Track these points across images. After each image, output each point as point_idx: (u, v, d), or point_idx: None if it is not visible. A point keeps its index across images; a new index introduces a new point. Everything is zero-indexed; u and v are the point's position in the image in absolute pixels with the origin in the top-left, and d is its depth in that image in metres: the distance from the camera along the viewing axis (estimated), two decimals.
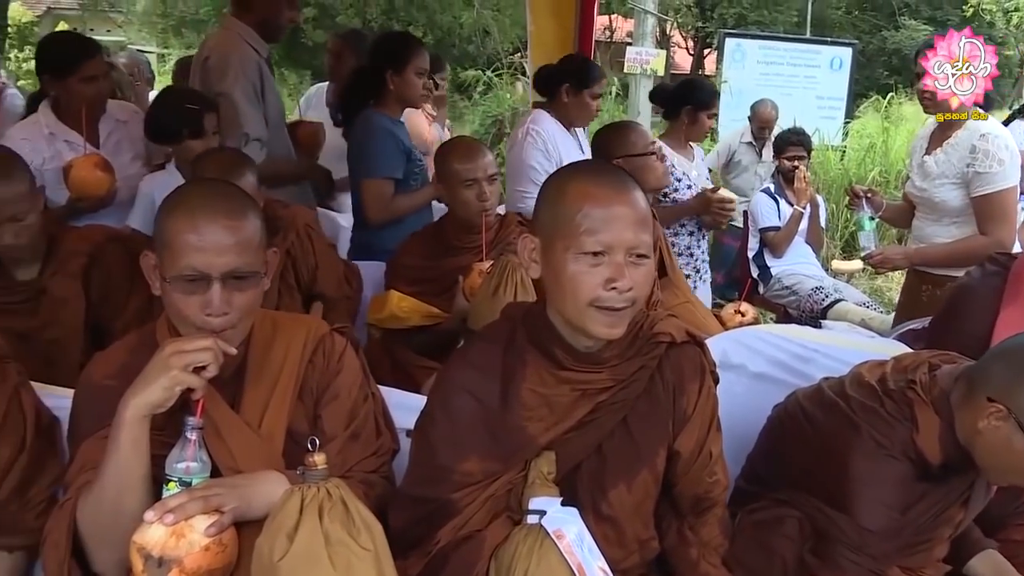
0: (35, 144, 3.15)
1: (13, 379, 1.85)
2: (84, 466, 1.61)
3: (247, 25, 3.37)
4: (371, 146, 3.33)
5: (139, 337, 1.77)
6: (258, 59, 3.36)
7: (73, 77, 3.11)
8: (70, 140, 3.18)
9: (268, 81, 3.41)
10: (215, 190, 1.68)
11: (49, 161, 3.15)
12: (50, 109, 3.22)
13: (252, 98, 3.30)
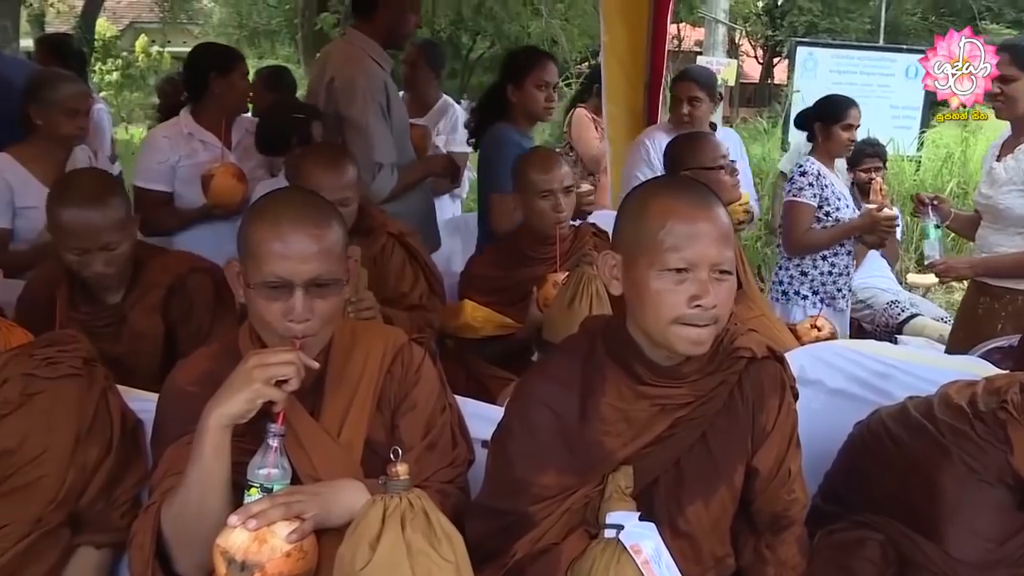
0: (174, 142, 3.39)
1: (101, 383, 1.90)
2: (168, 471, 1.64)
3: (370, 37, 3.36)
4: (498, 161, 3.35)
5: (222, 345, 1.80)
6: (383, 75, 3.37)
7: (234, 73, 3.42)
8: (205, 140, 3.40)
9: (394, 95, 3.43)
10: (299, 198, 1.71)
11: (185, 158, 3.37)
12: (190, 113, 3.43)
13: (381, 121, 3.31)
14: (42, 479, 1.81)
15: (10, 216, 3.10)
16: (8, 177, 3.09)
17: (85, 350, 1.90)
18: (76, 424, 1.84)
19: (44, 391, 1.82)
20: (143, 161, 3.43)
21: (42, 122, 3.11)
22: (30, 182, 3.11)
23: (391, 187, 3.31)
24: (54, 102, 3.10)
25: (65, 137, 3.17)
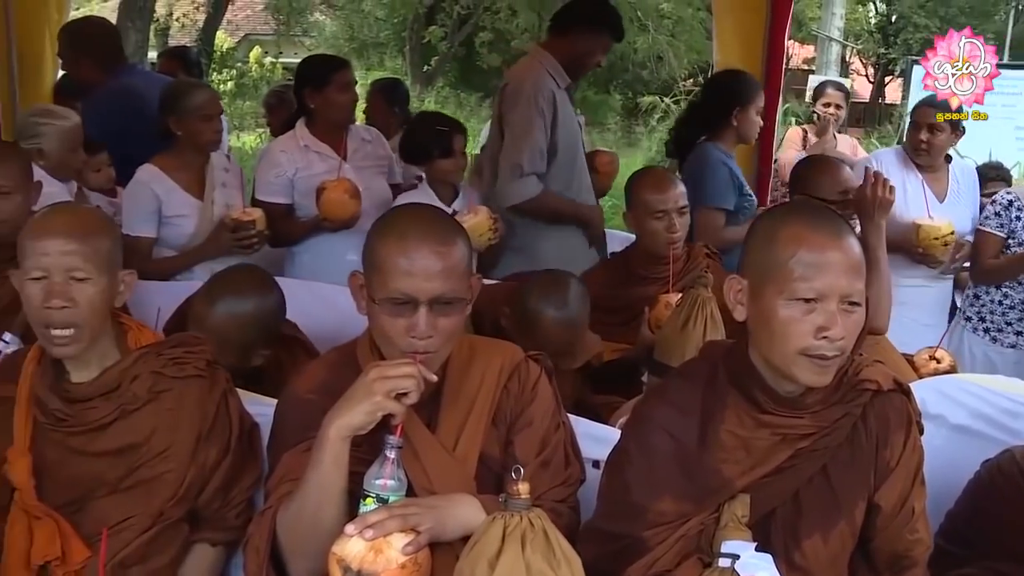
0: (291, 155, 3.46)
1: (222, 385, 1.95)
2: (285, 477, 1.67)
3: (554, 58, 3.40)
4: (707, 177, 3.39)
5: (339, 353, 1.83)
6: (555, 89, 3.39)
7: (329, 87, 3.41)
8: (321, 152, 3.45)
9: (565, 112, 3.44)
10: (426, 215, 1.72)
11: (302, 170, 3.43)
12: (305, 125, 3.50)
13: (539, 129, 3.33)
14: (165, 474, 1.86)
15: (156, 225, 3.20)
16: (156, 188, 3.18)
17: (209, 352, 1.95)
18: (198, 424, 1.89)
19: (170, 390, 1.88)
20: (262, 175, 3.52)
21: (182, 131, 3.19)
22: (175, 191, 3.21)
23: (528, 197, 3.34)
24: (191, 110, 3.18)
25: (205, 143, 3.25)
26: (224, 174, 3.36)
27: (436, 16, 17.82)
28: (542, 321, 2.35)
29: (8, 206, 2.58)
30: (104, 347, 1.88)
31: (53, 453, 1.86)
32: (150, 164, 3.23)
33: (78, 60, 3.85)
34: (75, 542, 1.82)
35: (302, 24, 19.68)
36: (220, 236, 3.18)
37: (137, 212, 3.19)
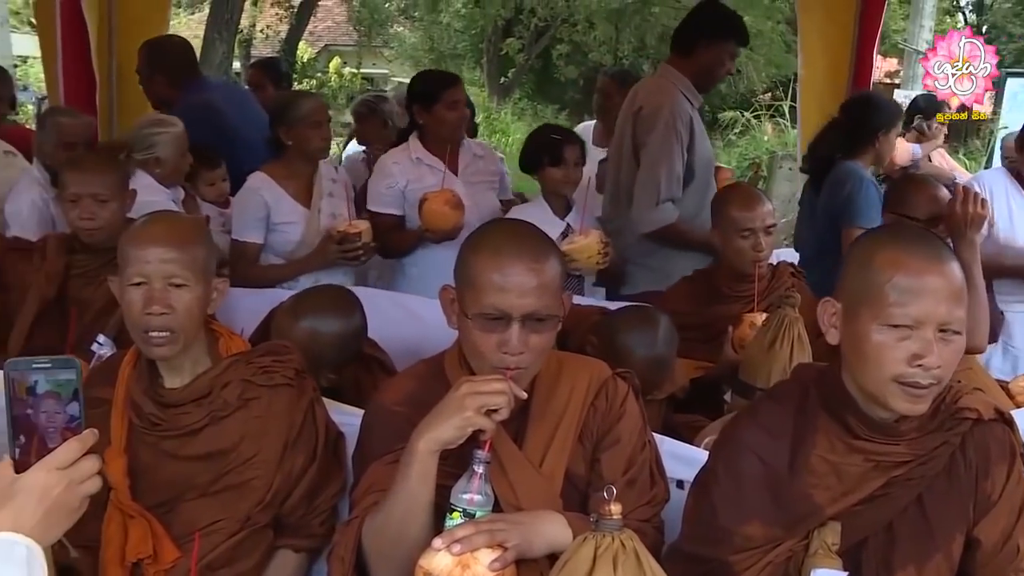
0: (403, 167, 3.52)
1: (309, 394, 1.98)
2: (372, 488, 1.68)
3: (683, 74, 3.39)
4: (857, 196, 3.34)
5: (427, 366, 1.84)
6: (691, 110, 3.39)
7: (439, 104, 3.45)
8: (432, 165, 3.50)
9: (699, 132, 3.45)
10: (520, 231, 1.72)
11: (412, 183, 3.47)
12: (418, 139, 3.56)
13: (676, 155, 3.32)
14: (252, 480, 1.90)
15: (264, 231, 3.28)
16: (265, 195, 3.26)
17: (297, 361, 1.98)
18: (285, 431, 1.92)
19: (260, 397, 1.91)
20: (374, 186, 3.58)
21: (292, 141, 3.25)
22: (283, 198, 3.29)
23: (665, 223, 3.33)
24: (299, 118, 3.24)
25: (314, 150, 3.31)
26: (331, 184, 3.42)
27: (514, 28, 17.92)
28: (630, 359, 2.30)
29: (105, 213, 2.68)
30: (197, 354, 1.92)
31: (147, 455, 1.90)
32: (261, 172, 3.31)
33: (153, 77, 3.96)
34: (166, 542, 1.86)
35: (383, 35, 19.96)
36: (326, 248, 3.24)
37: (245, 218, 3.28)
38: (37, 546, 1.16)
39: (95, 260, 2.75)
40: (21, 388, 1.20)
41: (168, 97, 3.91)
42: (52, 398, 1.21)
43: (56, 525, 1.20)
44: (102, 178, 2.68)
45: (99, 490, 1.25)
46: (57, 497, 1.19)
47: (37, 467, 1.19)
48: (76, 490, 1.21)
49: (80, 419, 1.23)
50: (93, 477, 1.23)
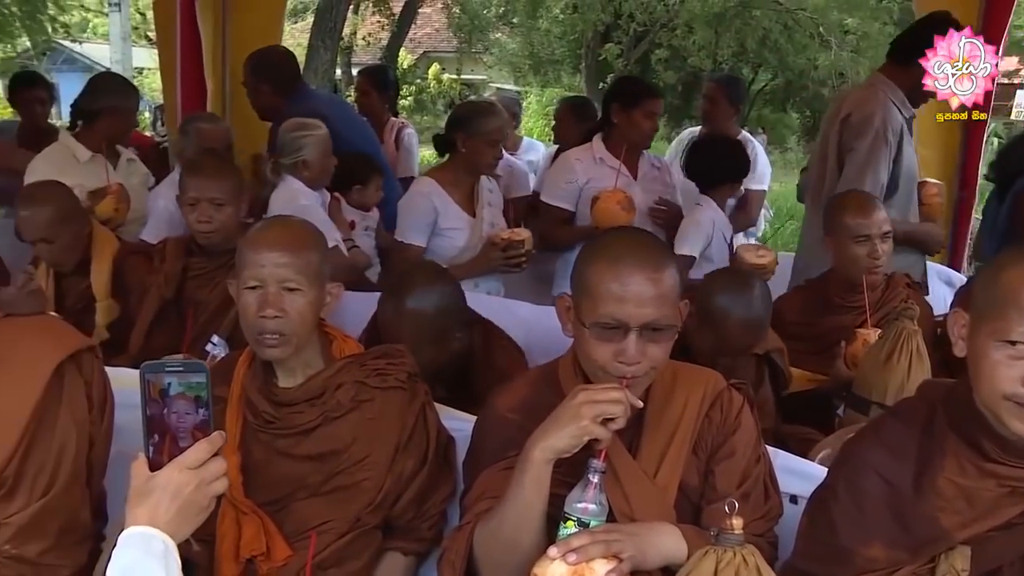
0: (585, 165, 3.64)
1: (421, 398, 1.99)
2: (484, 494, 1.68)
3: (897, 85, 3.33)
4: None
5: (541, 372, 1.84)
6: (901, 120, 3.34)
7: (637, 110, 3.56)
8: (613, 167, 3.56)
9: (907, 144, 3.39)
10: (638, 240, 1.70)
11: (593, 181, 3.57)
12: (602, 140, 3.67)
13: (882, 164, 3.27)
14: (363, 482, 1.91)
15: (428, 236, 3.35)
16: (435, 201, 3.33)
17: (410, 365, 2.00)
18: (397, 434, 1.93)
19: (373, 399, 1.93)
20: (553, 178, 3.71)
21: (466, 150, 3.30)
22: (450, 205, 3.36)
23: None
24: (480, 132, 3.28)
25: (484, 166, 3.38)
26: (489, 194, 3.49)
27: (612, 34, 17.85)
28: (727, 321, 2.32)
29: (221, 216, 2.77)
30: (310, 355, 1.95)
31: (260, 453, 1.94)
32: (428, 177, 3.43)
33: (258, 86, 4.04)
34: (278, 540, 1.89)
35: (483, 41, 20.13)
36: (490, 254, 3.30)
37: (413, 221, 3.35)
38: (172, 541, 1.20)
39: (211, 262, 2.83)
40: (155, 389, 1.24)
41: (273, 106, 3.99)
42: (183, 400, 1.25)
43: (187, 523, 1.25)
44: (219, 183, 2.76)
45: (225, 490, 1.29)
46: (189, 496, 1.23)
47: (170, 466, 1.23)
48: (206, 489, 1.25)
49: (209, 420, 1.27)
50: (221, 478, 1.27)
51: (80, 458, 1.73)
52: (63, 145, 3.64)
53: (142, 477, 1.24)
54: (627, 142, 3.54)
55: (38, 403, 1.66)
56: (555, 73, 19.79)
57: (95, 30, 21.20)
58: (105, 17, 19.85)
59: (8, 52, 15.70)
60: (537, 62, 19.61)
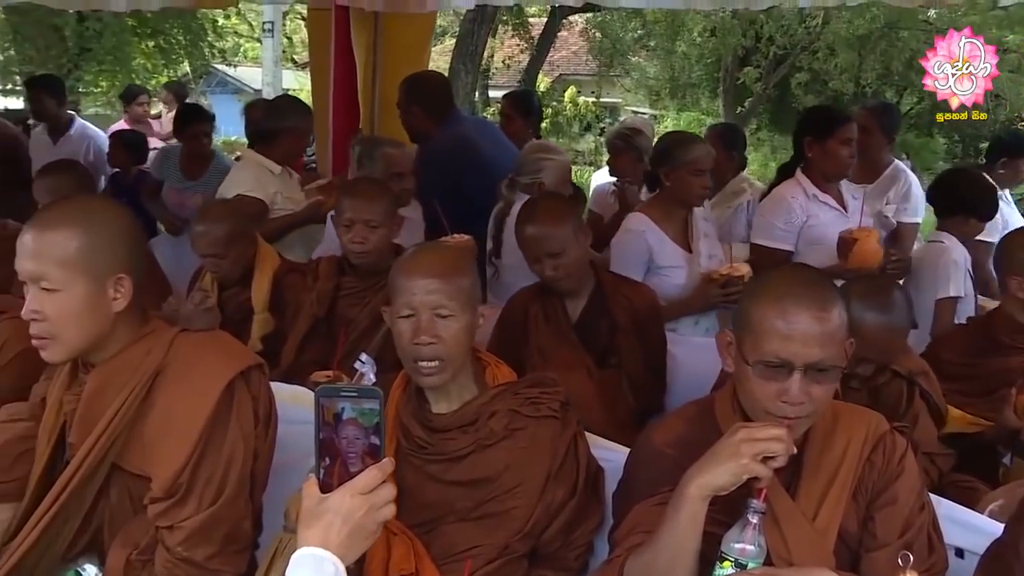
0: (801, 202, 3.51)
1: (573, 427, 1.99)
2: (635, 528, 1.67)
3: None
4: None
5: (697, 408, 1.82)
6: None
7: (831, 140, 3.48)
8: (827, 203, 3.53)
9: None
10: (805, 277, 1.67)
11: (811, 219, 3.48)
12: (804, 172, 3.58)
13: None
14: (513, 510, 1.92)
15: (643, 274, 3.25)
16: (649, 238, 3.26)
17: (562, 394, 2.00)
18: (548, 463, 1.93)
19: (525, 428, 1.94)
20: (768, 220, 3.56)
21: (671, 183, 3.26)
22: (665, 241, 3.28)
23: None
24: (684, 162, 3.23)
25: (693, 197, 3.30)
26: (704, 223, 3.43)
27: (751, 57, 17.55)
28: (864, 325, 2.22)
29: (374, 238, 2.85)
30: (464, 381, 1.98)
31: (411, 476, 1.96)
32: (640, 213, 3.34)
33: (411, 109, 4.12)
34: (427, 562, 1.91)
35: (624, 65, 20.09)
36: (708, 290, 3.21)
37: (627, 260, 3.27)
38: (342, 564, 1.23)
39: (362, 282, 2.92)
40: (329, 413, 1.27)
41: (424, 129, 4.08)
42: (355, 425, 1.28)
43: (355, 547, 1.27)
44: (375, 205, 2.85)
45: None
46: (359, 520, 1.26)
47: (342, 490, 1.26)
48: (375, 515, 1.27)
49: (380, 446, 1.29)
50: (389, 504, 1.29)
51: (245, 470, 1.81)
52: (254, 160, 3.84)
53: (314, 499, 1.27)
54: (825, 174, 3.46)
55: (211, 415, 1.75)
56: (692, 97, 19.56)
57: (245, 54, 22.23)
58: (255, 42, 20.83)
59: (171, 76, 16.62)
60: (675, 86, 19.43)
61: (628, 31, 18.68)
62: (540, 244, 2.69)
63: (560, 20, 14.45)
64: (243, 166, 3.91)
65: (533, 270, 2.77)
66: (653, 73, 20.12)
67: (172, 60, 15.70)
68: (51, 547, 1.86)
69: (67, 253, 1.76)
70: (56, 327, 1.77)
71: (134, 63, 15.08)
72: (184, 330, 1.90)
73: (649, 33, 18.94)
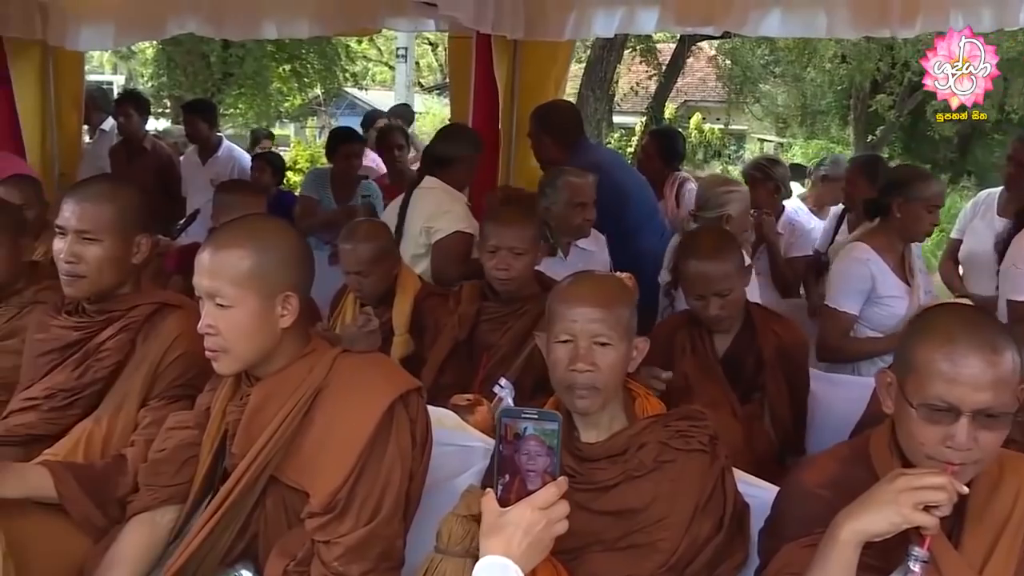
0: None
1: (721, 461, 1.97)
2: (784, 569, 1.66)
3: None
4: None
5: (851, 449, 1.78)
6: None
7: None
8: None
9: None
10: (975, 318, 1.62)
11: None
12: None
13: None
14: (659, 542, 1.91)
15: (861, 304, 3.29)
16: (872, 268, 3.28)
17: (711, 428, 1.98)
18: (696, 497, 1.92)
19: (674, 461, 1.93)
20: None
21: (902, 215, 3.27)
22: (887, 273, 3.30)
23: None
24: (919, 198, 3.25)
25: (921, 232, 3.33)
26: (918, 260, 3.44)
27: (884, 85, 17.04)
28: None
29: (519, 265, 2.90)
30: (615, 411, 1.99)
31: None
32: (863, 243, 3.35)
33: (541, 138, 4.20)
34: None
35: (754, 93, 19.86)
36: None
37: (848, 288, 3.29)
38: (522, 573, 1.29)
39: (504, 307, 2.97)
40: (511, 432, 1.34)
41: (555, 157, 4.12)
42: (537, 442, 1.34)
43: (533, 558, 1.36)
44: (520, 232, 2.89)
45: None
46: (538, 534, 1.34)
47: (523, 505, 1.33)
48: (551, 529, 1.35)
49: (556, 465, 1.35)
50: (563, 520, 1.34)
51: (402, 490, 1.86)
52: (437, 184, 3.89)
53: (494, 513, 1.35)
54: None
55: (371, 436, 1.81)
56: (822, 125, 19.13)
57: (373, 78, 22.91)
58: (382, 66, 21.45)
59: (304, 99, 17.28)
60: (804, 113, 19.05)
61: (756, 57, 18.44)
62: (709, 283, 2.68)
63: (689, 47, 14.38)
64: (428, 191, 3.90)
65: (694, 305, 2.75)
66: (782, 100, 19.77)
67: (305, 84, 16.32)
68: (212, 551, 1.95)
69: (240, 272, 1.86)
70: (228, 341, 1.88)
71: (271, 87, 15.75)
72: (345, 350, 1.97)
73: (777, 60, 18.66)
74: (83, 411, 2.34)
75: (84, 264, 2.29)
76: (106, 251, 2.30)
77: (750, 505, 2.01)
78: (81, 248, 2.28)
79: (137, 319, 2.35)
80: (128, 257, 2.36)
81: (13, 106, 5.28)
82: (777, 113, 19.79)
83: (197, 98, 9.47)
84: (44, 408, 2.33)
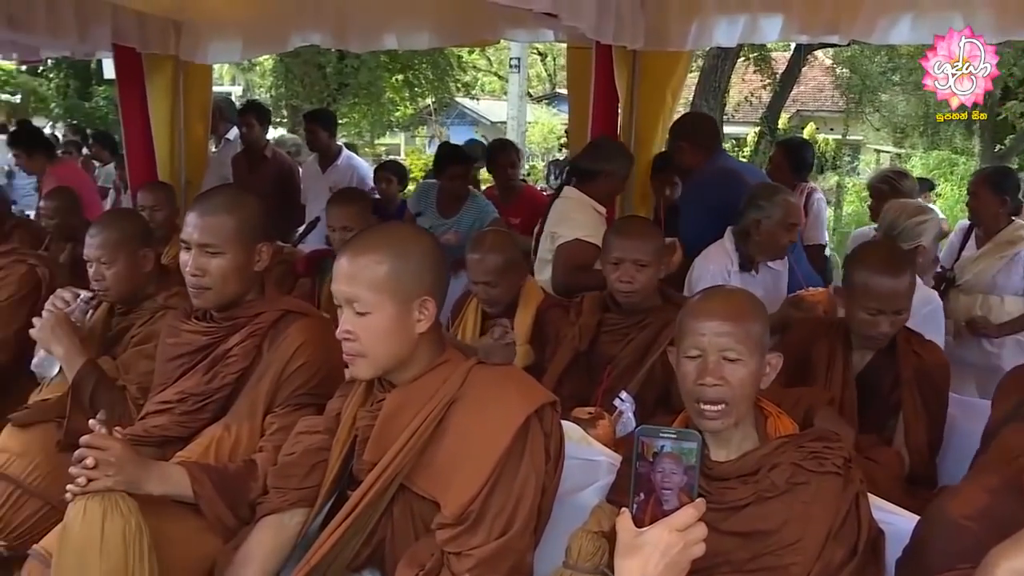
0: None
1: (856, 485, 1.91)
2: None
3: None
4: None
5: (1001, 479, 1.70)
6: None
7: None
8: None
9: None
10: None
11: None
12: None
13: None
14: (791, 566, 1.86)
15: None
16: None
17: (846, 450, 1.93)
18: (830, 520, 1.87)
19: (807, 483, 1.89)
20: None
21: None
22: None
23: None
24: None
25: None
26: None
27: (1016, 91, 16.24)
28: None
29: (642, 277, 2.91)
30: (746, 430, 1.96)
31: None
32: None
33: (679, 145, 4.29)
34: None
35: (872, 102, 19.30)
36: None
37: None
38: None
39: (626, 319, 2.95)
40: (648, 451, 1.32)
41: (692, 163, 4.23)
42: (674, 460, 1.31)
43: None
44: (644, 244, 2.88)
45: None
46: (674, 556, 1.32)
47: (661, 526, 1.31)
48: (688, 552, 1.32)
49: (694, 486, 1.32)
50: (700, 543, 1.31)
51: (534, 505, 1.86)
52: (575, 195, 3.98)
53: (630, 532, 1.33)
54: None
55: (506, 449, 1.82)
56: (945, 135, 18.40)
57: (482, 88, 23.13)
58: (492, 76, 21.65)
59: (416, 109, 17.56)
60: (927, 122, 18.36)
61: (875, 65, 17.89)
62: (890, 300, 2.61)
63: (805, 55, 14.04)
64: (574, 204, 3.98)
65: (861, 319, 2.66)
66: (902, 109, 19.13)
67: (417, 93, 16.60)
68: (340, 556, 1.98)
69: (377, 277, 1.89)
70: (366, 346, 1.91)
71: (383, 97, 16.07)
72: (480, 362, 1.98)
73: (896, 67, 18.05)
74: (213, 415, 2.42)
75: (208, 276, 2.36)
76: (229, 262, 2.36)
77: (884, 532, 1.95)
78: (205, 261, 2.35)
79: (262, 326, 2.41)
80: (250, 266, 2.42)
81: (147, 118, 5.51)
82: (895, 123, 19.13)
83: (318, 108, 9.70)
84: (176, 412, 2.41)
